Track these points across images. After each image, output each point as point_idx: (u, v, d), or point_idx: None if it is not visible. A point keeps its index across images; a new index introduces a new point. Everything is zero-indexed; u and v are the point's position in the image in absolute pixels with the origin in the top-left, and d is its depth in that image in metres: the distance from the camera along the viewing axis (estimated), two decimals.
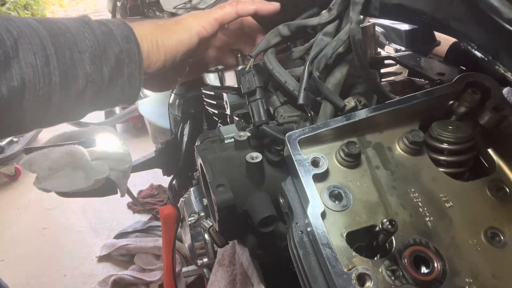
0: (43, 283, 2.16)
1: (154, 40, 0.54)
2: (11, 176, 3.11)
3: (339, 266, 0.34)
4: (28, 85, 0.42)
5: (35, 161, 0.86)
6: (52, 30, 0.45)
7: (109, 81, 0.50)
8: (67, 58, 0.45)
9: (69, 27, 0.47)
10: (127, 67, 0.51)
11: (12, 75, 0.41)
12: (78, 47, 0.46)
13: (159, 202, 2.59)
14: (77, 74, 0.46)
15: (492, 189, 0.41)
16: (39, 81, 0.43)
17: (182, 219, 1.07)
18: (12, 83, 0.41)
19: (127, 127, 3.74)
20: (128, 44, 0.50)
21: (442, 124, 0.44)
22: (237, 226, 0.54)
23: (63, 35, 0.46)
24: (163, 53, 0.55)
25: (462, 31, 0.41)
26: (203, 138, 0.63)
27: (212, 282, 0.83)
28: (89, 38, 0.47)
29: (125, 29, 0.51)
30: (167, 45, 0.56)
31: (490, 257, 0.37)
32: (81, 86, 0.47)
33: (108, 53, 0.49)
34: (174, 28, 0.57)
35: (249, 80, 0.55)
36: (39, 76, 0.43)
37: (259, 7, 0.63)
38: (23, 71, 0.41)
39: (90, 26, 0.49)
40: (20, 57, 0.41)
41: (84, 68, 0.47)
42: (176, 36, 0.57)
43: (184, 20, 0.59)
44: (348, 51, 0.53)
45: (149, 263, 2.10)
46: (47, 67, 0.43)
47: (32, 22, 0.44)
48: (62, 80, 0.45)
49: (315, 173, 0.40)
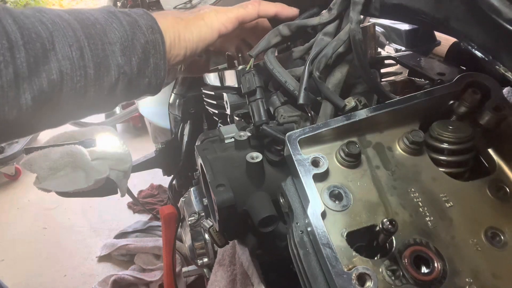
0: (43, 283, 2.16)
1: (176, 34, 0.54)
2: (11, 176, 3.11)
3: (339, 266, 0.34)
4: (65, 78, 0.41)
5: (35, 161, 0.86)
6: (82, 22, 0.44)
7: (138, 72, 0.49)
8: (100, 50, 0.45)
9: (98, 18, 0.46)
10: (152, 57, 0.50)
11: (51, 68, 0.40)
12: (108, 38, 0.46)
13: (159, 202, 2.59)
14: (109, 66, 0.46)
15: (492, 189, 0.41)
16: (75, 74, 0.42)
17: (182, 219, 1.08)
18: (52, 76, 0.40)
19: (127, 127, 3.74)
20: (153, 35, 0.50)
21: (442, 124, 0.44)
22: (237, 226, 0.54)
23: (93, 27, 0.45)
24: (184, 47, 0.55)
25: (462, 31, 0.41)
26: (203, 138, 0.63)
27: (212, 282, 0.83)
28: (117, 29, 0.47)
29: (148, 19, 0.51)
30: (188, 39, 0.56)
31: (490, 257, 0.37)
32: (113, 78, 0.47)
33: (135, 43, 0.48)
34: (196, 23, 0.57)
35: (249, 80, 0.55)
36: (75, 68, 0.42)
37: (279, 10, 0.64)
38: (61, 64, 0.41)
39: (116, 16, 0.48)
40: (57, 49, 0.40)
41: (116, 59, 0.46)
42: (198, 31, 0.57)
43: (206, 15, 0.59)
44: (348, 51, 0.53)
45: (149, 263, 2.10)
46: (82, 59, 0.43)
47: (63, 14, 0.43)
48: (96, 73, 0.44)
49: (315, 173, 0.40)
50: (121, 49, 0.47)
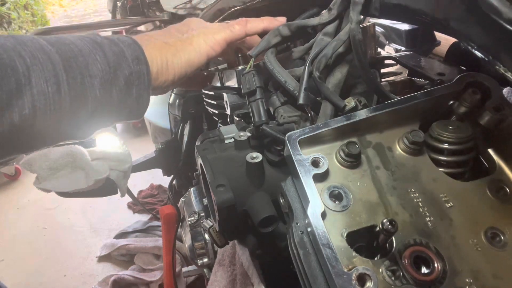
0: (43, 283, 2.16)
1: (164, 61, 0.55)
2: (11, 176, 3.11)
3: (339, 266, 0.34)
4: (38, 112, 0.42)
5: (35, 161, 0.86)
6: (64, 54, 0.44)
7: (118, 103, 0.50)
8: (78, 83, 0.45)
9: (81, 50, 0.46)
10: (136, 88, 0.51)
11: (24, 103, 0.40)
12: (89, 71, 0.46)
13: (159, 202, 2.60)
14: (87, 99, 0.46)
15: (492, 189, 0.41)
16: (49, 108, 0.43)
17: (182, 219, 1.08)
18: (24, 111, 0.40)
19: (127, 127, 3.74)
20: (138, 66, 0.50)
21: (442, 124, 0.44)
22: (237, 226, 0.54)
23: (75, 59, 0.45)
24: (172, 73, 0.56)
25: (462, 31, 0.41)
26: (203, 138, 0.63)
27: (212, 282, 0.83)
28: (100, 61, 0.47)
29: (135, 49, 0.51)
30: (177, 65, 0.56)
31: (490, 257, 0.37)
32: (90, 110, 0.47)
33: (118, 75, 0.48)
34: (184, 48, 0.58)
35: (249, 80, 0.55)
36: (50, 103, 0.42)
37: (267, 25, 0.64)
38: (34, 99, 0.41)
39: (101, 48, 0.48)
40: (32, 84, 0.41)
41: (94, 92, 0.46)
42: (186, 56, 0.57)
43: (194, 40, 0.60)
44: (348, 51, 0.53)
45: (149, 263, 2.10)
46: (59, 94, 0.43)
47: (45, 45, 0.43)
48: (72, 106, 0.45)
49: (315, 173, 0.40)
50: (101, 82, 0.47)
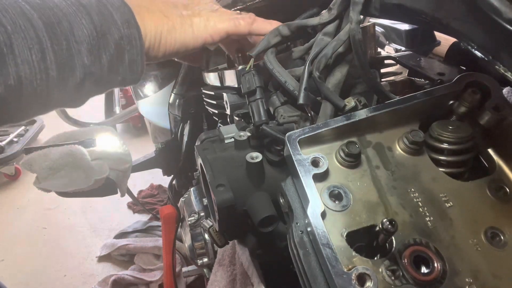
0: (43, 283, 2.16)
1: (158, 37, 0.52)
2: (11, 176, 3.11)
3: (339, 266, 0.34)
4: (25, 82, 0.40)
5: (35, 161, 0.86)
6: (48, 19, 0.42)
7: (109, 70, 0.47)
8: (64, 50, 0.43)
9: (66, 13, 0.44)
10: (128, 53, 0.48)
11: (9, 73, 0.39)
12: (75, 36, 0.43)
13: (159, 202, 2.59)
14: (74, 67, 0.44)
15: (492, 189, 0.41)
16: (36, 78, 0.41)
17: (182, 219, 1.08)
18: (8, 82, 0.39)
19: (127, 127, 3.74)
20: (129, 29, 0.48)
21: (442, 124, 0.44)
22: (237, 226, 0.54)
23: (60, 24, 0.43)
24: (163, 51, 0.54)
25: (462, 31, 0.41)
26: (203, 138, 0.63)
27: (212, 282, 0.83)
28: (86, 26, 0.44)
29: (125, 12, 0.48)
30: (169, 44, 0.54)
31: (490, 257, 0.37)
32: (78, 78, 0.45)
33: (107, 39, 0.46)
34: (182, 28, 0.55)
35: (249, 80, 0.55)
36: (35, 72, 0.41)
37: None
38: (19, 69, 0.39)
39: (87, 10, 0.45)
40: (16, 53, 0.39)
41: (81, 59, 0.44)
42: (182, 37, 0.55)
43: (195, 21, 0.57)
44: (348, 51, 0.53)
45: (149, 263, 2.10)
46: (44, 62, 0.41)
47: (27, 10, 0.41)
48: (59, 74, 0.43)
49: (315, 173, 0.40)
50: (88, 48, 0.44)
